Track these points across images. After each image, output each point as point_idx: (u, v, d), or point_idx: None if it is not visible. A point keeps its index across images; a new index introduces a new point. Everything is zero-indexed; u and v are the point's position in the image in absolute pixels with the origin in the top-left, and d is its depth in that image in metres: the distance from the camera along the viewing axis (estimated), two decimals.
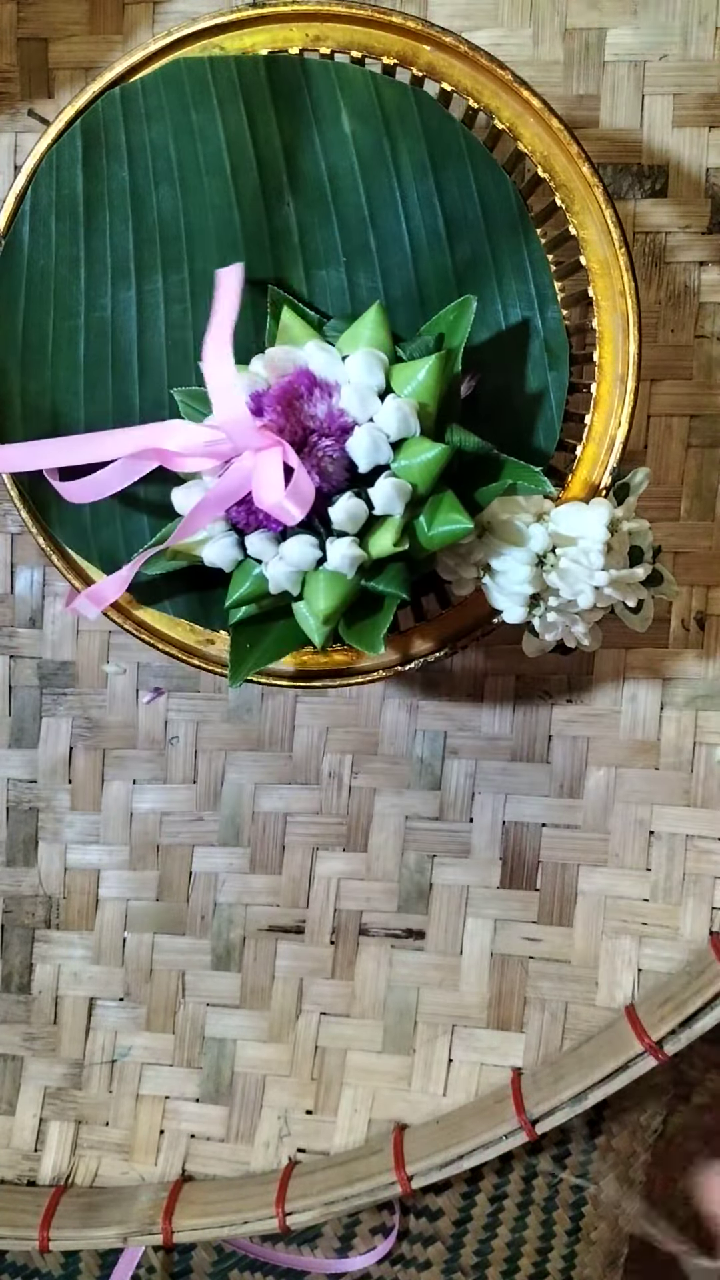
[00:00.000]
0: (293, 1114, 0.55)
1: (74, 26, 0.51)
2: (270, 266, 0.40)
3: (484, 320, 0.40)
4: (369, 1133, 0.54)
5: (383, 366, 0.36)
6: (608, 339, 0.40)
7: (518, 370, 0.40)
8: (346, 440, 0.35)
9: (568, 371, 0.40)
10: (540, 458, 0.40)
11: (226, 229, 0.40)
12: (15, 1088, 0.56)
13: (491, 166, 0.39)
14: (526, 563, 0.37)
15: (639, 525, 0.39)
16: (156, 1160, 0.55)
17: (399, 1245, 0.55)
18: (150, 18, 0.51)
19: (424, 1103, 0.54)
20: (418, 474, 0.35)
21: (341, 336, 0.37)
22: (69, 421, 0.40)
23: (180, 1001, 0.55)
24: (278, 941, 0.55)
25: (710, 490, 0.52)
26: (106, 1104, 0.55)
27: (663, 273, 0.51)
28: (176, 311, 0.40)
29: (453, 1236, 0.55)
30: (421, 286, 0.40)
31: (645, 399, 0.51)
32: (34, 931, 0.55)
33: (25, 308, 0.40)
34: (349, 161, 0.40)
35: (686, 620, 0.52)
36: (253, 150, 0.40)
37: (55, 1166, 0.55)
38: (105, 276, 0.40)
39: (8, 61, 0.51)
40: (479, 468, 0.38)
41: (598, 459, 0.40)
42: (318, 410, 0.35)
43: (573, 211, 0.40)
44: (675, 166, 0.50)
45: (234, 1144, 0.55)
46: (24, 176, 0.40)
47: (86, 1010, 0.55)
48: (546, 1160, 0.55)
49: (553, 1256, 0.55)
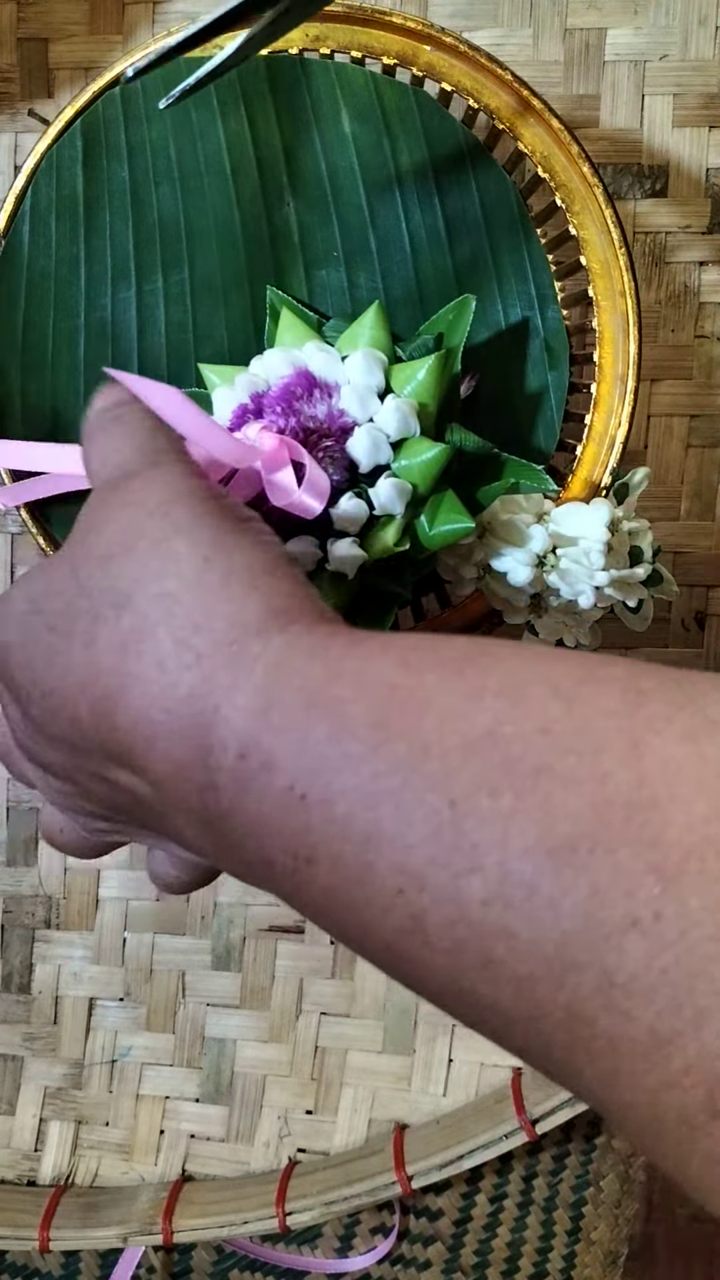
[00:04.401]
0: (293, 1114, 0.55)
1: (74, 26, 0.51)
2: (270, 266, 0.40)
3: (484, 320, 0.40)
4: (369, 1133, 0.54)
5: (382, 366, 0.36)
6: (608, 339, 0.40)
7: (518, 370, 0.40)
8: (347, 440, 0.35)
9: (568, 371, 0.40)
10: (540, 458, 0.40)
11: (226, 229, 0.40)
12: (15, 1088, 0.56)
13: (491, 166, 0.39)
14: (527, 563, 0.37)
15: (639, 525, 0.39)
16: (156, 1160, 0.55)
17: (399, 1245, 0.55)
18: (150, 18, 0.51)
19: (424, 1103, 0.54)
20: (418, 474, 0.35)
21: (341, 337, 0.37)
22: (69, 421, 0.40)
23: (180, 1001, 0.55)
24: (278, 941, 0.55)
25: (710, 490, 0.52)
26: (106, 1104, 0.55)
27: (663, 273, 0.51)
28: (176, 312, 0.40)
29: (453, 1236, 0.55)
30: (421, 286, 0.40)
31: (645, 399, 0.51)
32: (34, 931, 0.55)
33: (25, 308, 0.40)
34: (349, 161, 0.40)
35: (686, 620, 0.52)
36: (253, 150, 0.40)
37: (55, 1166, 0.55)
38: (105, 276, 0.40)
39: (8, 61, 0.51)
40: (479, 467, 0.38)
41: (598, 459, 0.40)
42: (318, 411, 0.35)
43: (573, 211, 0.40)
44: (675, 166, 0.50)
45: (234, 1144, 0.55)
46: (24, 176, 0.40)
47: (86, 1010, 0.55)
48: (546, 1160, 0.55)
49: (553, 1256, 0.55)
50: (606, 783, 0.20)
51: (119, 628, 0.26)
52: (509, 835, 0.20)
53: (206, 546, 0.26)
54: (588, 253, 0.40)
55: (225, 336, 0.40)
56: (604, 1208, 0.55)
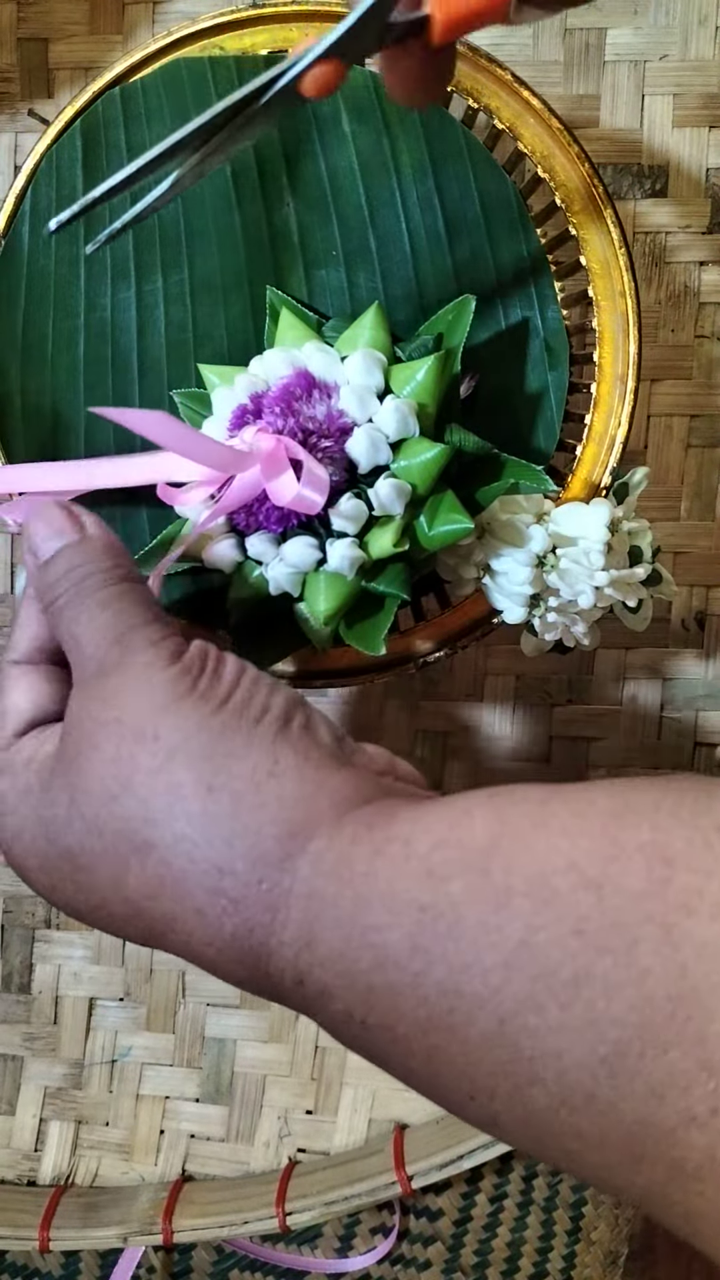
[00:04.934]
0: (293, 1114, 0.55)
1: (74, 26, 0.51)
2: (270, 266, 0.40)
3: (484, 320, 0.40)
4: (369, 1133, 0.54)
5: (382, 367, 0.36)
6: (608, 339, 0.40)
7: (518, 370, 0.40)
8: (346, 441, 0.35)
9: (568, 371, 0.40)
10: (540, 458, 0.40)
11: (226, 229, 0.40)
12: (15, 1088, 0.56)
13: (491, 166, 0.39)
14: (526, 563, 0.37)
15: (639, 525, 0.39)
16: (156, 1160, 0.55)
17: (399, 1245, 0.55)
18: (150, 18, 0.51)
19: (424, 1103, 0.54)
20: (417, 474, 0.35)
21: (340, 337, 0.37)
22: (69, 422, 0.40)
23: (180, 1001, 0.55)
24: None
25: (710, 490, 0.52)
26: (106, 1104, 0.55)
27: (663, 273, 0.51)
28: (176, 312, 0.40)
29: (453, 1236, 0.55)
30: (421, 286, 0.40)
31: (645, 399, 0.51)
32: (34, 931, 0.55)
33: (25, 308, 0.40)
34: (349, 161, 0.40)
35: (686, 620, 0.52)
36: (252, 150, 0.40)
37: (55, 1166, 0.55)
38: (105, 276, 0.40)
39: (8, 61, 0.51)
40: (479, 468, 0.38)
41: (598, 459, 0.40)
42: (317, 411, 0.35)
43: (573, 211, 0.40)
44: (675, 166, 0.50)
45: (234, 1144, 0.55)
46: (24, 176, 0.40)
47: (86, 1010, 0.55)
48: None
49: (553, 1256, 0.55)
50: (646, 981, 0.20)
51: (145, 875, 0.26)
52: (561, 1048, 0.20)
53: (205, 768, 0.26)
54: (588, 253, 0.40)
55: (225, 336, 0.40)
56: (604, 1208, 0.55)
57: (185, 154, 0.29)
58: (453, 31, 0.28)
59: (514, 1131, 0.22)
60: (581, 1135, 0.20)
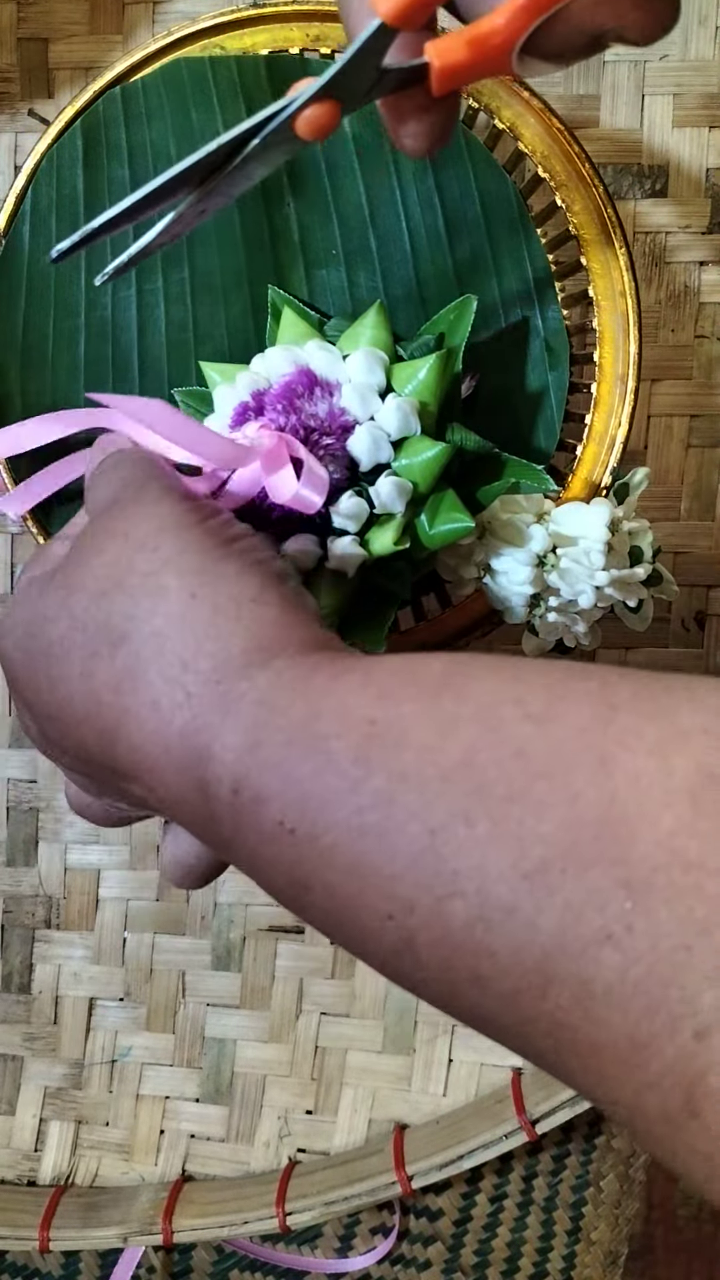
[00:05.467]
0: (293, 1114, 0.55)
1: (74, 26, 0.51)
2: (270, 266, 0.40)
3: (484, 320, 0.40)
4: (369, 1133, 0.54)
5: (383, 365, 0.36)
6: (608, 339, 0.40)
7: (518, 370, 0.40)
8: (347, 439, 0.35)
9: (568, 371, 0.40)
10: (541, 457, 0.40)
11: (226, 229, 0.40)
12: (15, 1088, 0.56)
13: (491, 166, 0.39)
14: (527, 563, 0.37)
15: (639, 525, 0.39)
16: (156, 1160, 0.55)
17: (399, 1245, 0.55)
18: (150, 18, 0.51)
19: (424, 1103, 0.54)
20: (418, 473, 0.35)
21: (342, 336, 0.37)
22: None
23: (180, 1001, 0.55)
24: (278, 941, 0.55)
25: (710, 490, 0.52)
26: (106, 1104, 0.55)
27: (663, 273, 0.51)
28: (177, 311, 0.40)
29: (453, 1236, 0.55)
30: (422, 286, 0.40)
31: (645, 399, 0.51)
32: (34, 931, 0.55)
33: (25, 308, 0.40)
34: (349, 161, 0.40)
35: (686, 620, 0.52)
36: None
37: (55, 1166, 0.55)
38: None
39: (8, 61, 0.51)
40: (480, 467, 0.38)
41: (598, 459, 0.40)
42: (318, 409, 0.35)
43: (573, 211, 0.40)
44: (675, 166, 0.50)
45: (234, 1144, 0.55)
46: (24, 176, 0.40)
47: (86, 1010, 0.55)
48: (546, 1160, 0.55)
49: (553, 1256, 0.55)
50: (577, 803, 0.20)
51: (114, 666, 0.27)
52: (486, 861, 0.21)
53: (193, 580, 0.27)
54: (588, 253, 0.40)
55: (225, 336, 0.40)
56: (604, 1208, 0.55)
57: (186, 190, 0.29)
58: (451, 81, 0.28)
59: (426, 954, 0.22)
60: (494, 955, 0.21)
